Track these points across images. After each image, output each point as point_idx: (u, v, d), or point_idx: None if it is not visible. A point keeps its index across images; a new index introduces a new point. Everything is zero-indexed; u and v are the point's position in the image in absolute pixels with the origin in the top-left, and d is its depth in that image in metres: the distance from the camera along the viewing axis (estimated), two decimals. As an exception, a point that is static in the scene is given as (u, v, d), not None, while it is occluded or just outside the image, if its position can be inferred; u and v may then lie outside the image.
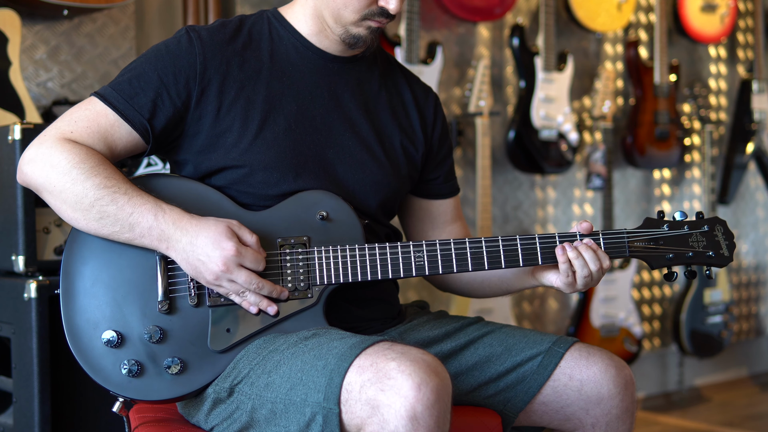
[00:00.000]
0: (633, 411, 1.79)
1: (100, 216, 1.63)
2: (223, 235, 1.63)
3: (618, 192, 4.13)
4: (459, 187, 2.04)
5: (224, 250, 1.62)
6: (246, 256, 1.63)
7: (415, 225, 2.01)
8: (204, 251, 1.62)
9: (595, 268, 1.73)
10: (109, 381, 1.65)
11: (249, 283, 1.64)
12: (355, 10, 1.74)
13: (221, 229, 1.63)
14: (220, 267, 1.62)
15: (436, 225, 2.00)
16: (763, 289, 4.79)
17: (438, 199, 1.99)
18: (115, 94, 1.70)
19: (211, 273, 1.63)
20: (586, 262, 1.72)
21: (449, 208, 2.01)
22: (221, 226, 1.64)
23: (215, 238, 1.62)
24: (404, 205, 2.01)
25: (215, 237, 1.62)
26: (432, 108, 1.95)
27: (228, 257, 1.62)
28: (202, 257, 1.62)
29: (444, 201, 2.00)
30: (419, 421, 1.42)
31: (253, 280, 1.65)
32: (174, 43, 1.74)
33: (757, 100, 4.43)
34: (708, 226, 1.79)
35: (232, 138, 1.73)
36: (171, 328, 1.66)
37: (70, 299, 1.67)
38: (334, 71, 1.83)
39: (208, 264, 1.62)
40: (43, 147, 1.67)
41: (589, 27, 3.83)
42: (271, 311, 1.68)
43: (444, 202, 2.00)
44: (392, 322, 1.87)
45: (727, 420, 3.99)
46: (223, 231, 1.63)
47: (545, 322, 3.94)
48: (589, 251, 1.73)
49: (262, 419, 1.60)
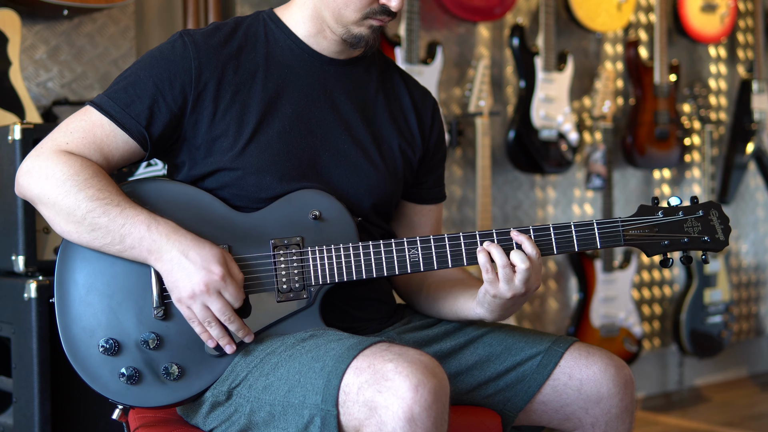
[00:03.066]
0: (632, 410, 1.79)
1: (92, 228, 1.62)
2: (215, 258, 1.61)
3: (618, 192, 4.13)
4: (446, 195, 2.00)
5: (211, 273, 1.60)
6: (228, 287, 1.61)
7: (393, 227, 1.96)
8: (192, 267, 1.60)
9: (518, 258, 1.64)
10: (107, 389, 1.64)
11: (222, 313, 1.62)
12: (356, 8, 1.74)
13: (215, 252, 1.62)
14: (201, 287, 1.60)
15: (411, 229, 1.95)
16: (763, 289, 4.79)
17: (423, 204, 1.96)
18: (111, 102, 1.69)
19: (188, 290, 1.60)
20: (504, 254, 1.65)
21: (431, 218, 1.97)
22: (216, 249, 1.63)
23: (206, 257, 1.61)
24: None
25: (207, 257, 1.61)
26: (430, 112, 1.94)
27: (212, 280, 1.60)
28: (188, 271, 1.60)
29: (428, 207, 1.96)
30: (417, 422, 1.42)
31: (227, 311, 1.62)
32: (168, 48, 1.74)
33: (757, 100, 4.42)
34: (703, 210, 1.76)
35: (228, 142, 1.72)
36: (167, 334, 1.66)
37: (65, 308, 1.67)
38: (330, 74, 1.82)
39: (190, 279, 1.60)
40: (39, 159, 1.67)
41: (589, 27, 3.83)
42: (229, 350, 1.65)
43: (426, 208, 1.96)
44: (389, 321, 1.87)
45: (727, 420, 3.99)
46: (216, 255, 1.62)
47: (545, 322, 3.94)
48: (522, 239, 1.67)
49: (260, 421, 1.60)
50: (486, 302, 1.70)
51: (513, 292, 1.65)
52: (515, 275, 1.65)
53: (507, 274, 1.65)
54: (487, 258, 1.66)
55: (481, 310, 1.72)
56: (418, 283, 1.92)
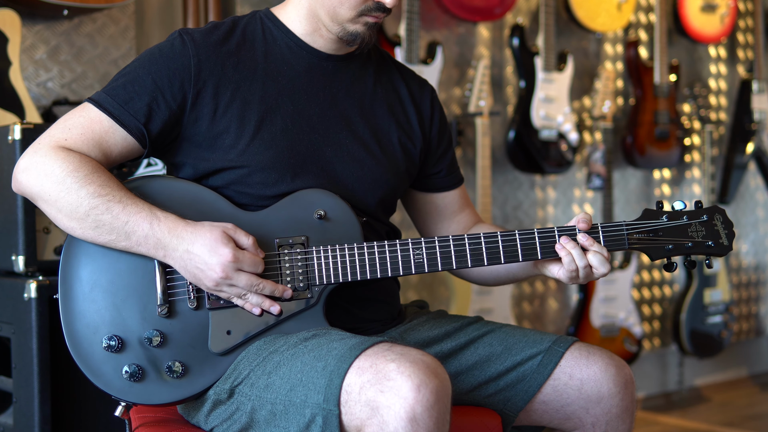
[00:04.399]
0: (633, 410, 1.79)
1: (96, 225, 1.63)
2: (219, 241, 1.62)
3: (618, 192, 4.13)
4: (462, 176, 2.04)
5: (221, 257, 1.61)
6: (243, 260, 1.63)
7: (424, 220, 2.01)
8: (201, 259, 1.62)
9: (597, 261, 1.73)
10: (110, 386, 1.65)
11: (250, 285, 1.64)
12: (351, 6, 1.74)
13: (217, 235, 1.63)
14: (219, 274, 1.61)
15: (444, 217, 2.00)
16: (763, 289, 4.79)
17: (442, 191, 1.99)
18: (110, 99, 1.69)
19: (210, 280, 1.63)
20: (585, 255, 1.73)
21: (455, 199, 2.01)
22: (216, 231, 1.63)
23: (211, 245, 1.62)
24: (410, 201, 2.01)
25: (211, 244, 1.62)
26: (429, 102, 1.95)
27: (226, 263, 1.61)
28: (200, 265, 1.62)
29: (449, 193, 2.00)
30: (418, 422, 1.42)
31: (254, 281, 1.64)
32: (167, 46, 1.74)
33: (757, 100, 4.43)
34: (707, 215, 1.77)
35: (230, 139, 1.73)
36: (171, 332, 1.66)
37: (68, 304, 1.67)
38: (328, 70, 1.83)
39: (206, 272, 1.62)
40: (37, 155, 1.66)
41: (589, 27, 3.83)
42: (274, 311, 1.68)
43: (449, 194, 2.00)
44: (393, 322, 1.87)
45: (727, 420, 3.99)
46: (218, 237, 1.62)
47: (545, 322, 3.94)
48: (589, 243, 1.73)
49: (261, 420, 1.60)
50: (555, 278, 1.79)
51: (586, 281, 1.79)
52: (593, 272, 1.73)
53: (588, 274, 1.73)
54: (570, 257, 1.72)
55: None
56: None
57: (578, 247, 1.72)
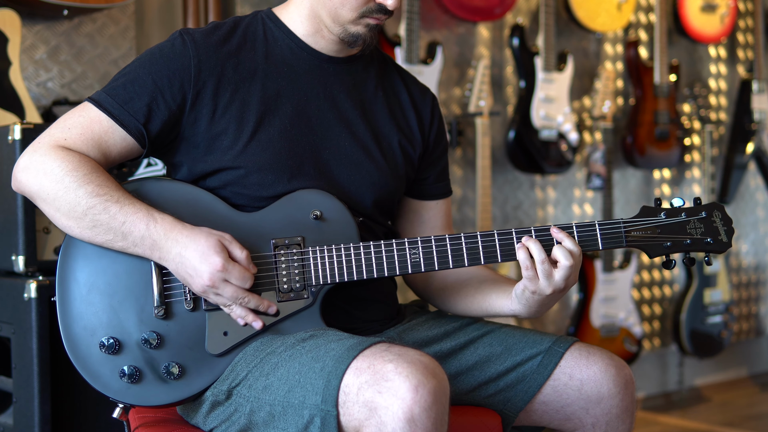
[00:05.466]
0: (633, 410, 1.78)
1: (93, 224, 1.63)
2: (212, 249, 1.62)
3: (618, 192, 4.13)
4: (451, 190, 2.01)
5: (211, 265, 1.61)
6: (232, 272, 1.62)
7: (403, 226, 1.98)
8: (191, 264, 1.61)
9: (561, 254, 1.66)
10: (108, 388, 1.65)
11: (235, 298, 1.64)
12: (352, 8, 1.74)
13: (212, 243, 1.62)
14: (206, 282, 1.61)
15: (424, 229, 1.96)
16: (763, 289, 4.79)
17: (428, 199, 1.96)
18: (110, 99, 1.69)
19: (198, 286, 1.63)
20: (542, 250, 1.67)
21: (439, 212, 1.97)
22: (212, 239, 1.63)
23: (203, 251, 1.61)
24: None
25: (204, 250, 1.61)
26: (429, 108, 1.94)
27: (214, 272, 1.61)
28: (189, 270, 1.62)
29: (434, 203, 1.97)
30: (416, 423, 1.42)
31: (239, 294, 1.64)
32: (168, 46, 1.74)
33: (757, 100, 4.43)
34: (706, 212, 1.76)
35: (228, 140, 1.73)
36: (168, 333, 1.66)
37: (66, 306, 1.67)
38: (329, 72, 1.83)
39: (195, 278, 1.62)
40: (36, 154, 1.67)
41: (589, 27, 3.83)
42: (257, 326, 1.67)
43: (434, 204, 1.97)
44: (391, 322, 1.87)
45: (727, 420, 3.99)
46: (213, 245, 1.62)
47: (545, 322, 3.94)
48: (561, 237, 1.69)
49: (260, 421, 1.60)
50: (524, 299, 1.71)
51: (553, 288, 1.67)
52: (556, 271, 1.66)
53: (546, 269, 1.66)
54: (527, 254, 1.67)
55: (518, 306, 1.73)
56: (440, 281, 1.92)
57: (539, 243, 1.68)
